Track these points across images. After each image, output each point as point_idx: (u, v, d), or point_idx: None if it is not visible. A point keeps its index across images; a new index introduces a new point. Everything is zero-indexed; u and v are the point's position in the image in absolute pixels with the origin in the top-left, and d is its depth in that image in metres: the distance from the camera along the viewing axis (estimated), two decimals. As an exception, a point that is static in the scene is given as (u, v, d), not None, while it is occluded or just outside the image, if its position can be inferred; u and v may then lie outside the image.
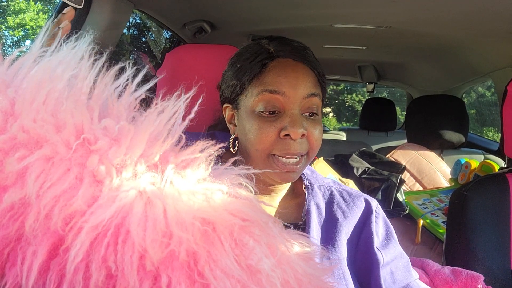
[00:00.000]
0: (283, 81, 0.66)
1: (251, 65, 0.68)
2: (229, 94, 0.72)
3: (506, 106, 1.13)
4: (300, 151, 0.65)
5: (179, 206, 0.39)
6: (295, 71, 0.67)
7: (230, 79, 0.72)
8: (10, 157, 0.37)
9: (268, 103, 0.65)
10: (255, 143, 0.66)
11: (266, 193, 0.73)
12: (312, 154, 0.69)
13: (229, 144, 0.74)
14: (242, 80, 0.69)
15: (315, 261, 0.49)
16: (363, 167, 1.50)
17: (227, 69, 0.74)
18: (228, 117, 0.75)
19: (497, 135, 3.51)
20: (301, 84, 0.66)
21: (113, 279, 0.37)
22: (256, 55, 0.69)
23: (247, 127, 0.67)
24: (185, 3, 1.58)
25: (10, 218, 0.36)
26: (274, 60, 0.68)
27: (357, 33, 1.88)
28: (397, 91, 6.39)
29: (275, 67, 0.67)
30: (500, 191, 1.07)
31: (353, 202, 0.74)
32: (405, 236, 1.38)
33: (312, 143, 0.67)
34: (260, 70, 0.67)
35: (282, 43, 0.71)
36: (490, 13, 1.35)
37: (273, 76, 0.66)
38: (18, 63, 0.44)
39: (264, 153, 0.66)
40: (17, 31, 8.84)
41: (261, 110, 0.66)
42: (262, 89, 0.66)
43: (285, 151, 0.64)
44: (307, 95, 0.66)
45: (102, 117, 0.42)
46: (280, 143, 0.65)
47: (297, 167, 0.66)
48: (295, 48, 0.70)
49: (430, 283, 0.96)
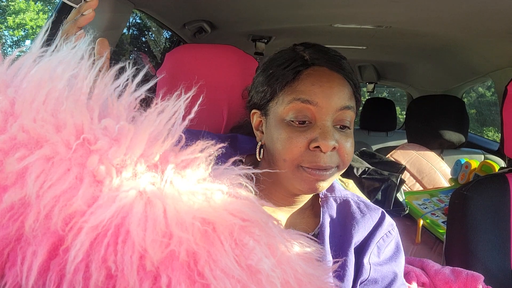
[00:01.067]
0: (317, 90, 0.63)
1: (284, 71, 0.65)
2: (258, 100, 0.70)
3: (506, 106, 1.13)
4: (330, 164, 0.62)
5: (179, 206, 0.39)
6: (330, 81, 0.64)
7: (261, 85, 0.69)
8: (10, 157, 0.37)
9: (300, 112, 0.63)
10: (283, 153, 0.63)
11: (288, 204, 0.71)
12: (343, 167, 0.65)
13: (256, 152, 0.72)
14: (274, 86, 0.66)
15: (315, 261, 0.49)
16: (363, 167, 1.50)
17: (258, 74, 0.72)
18: (255, 123, 0.72)
19: (497, 135, 3.51)
20: (336, 95, 0.63)
21: (113, 279, 0.36)
22: (290, 61, 0.66)
23: (275, 135, 0.64)
24: (185, 3, 1.58)
25: (10, 218, 0.36)
26: (309, 68, 0.65)
27: (357, 33, 1.88)
28: (397, 91, 6.39)
29: (310, 75, 0.64)
30: (500, 191, 1.07)
31: (369, 213, 0.71)
32: (405, 236, 1.38)
33: (343, 156, 0.64)
34: (293, 77, 0.64)
35: (318, 50, 0.68)
36: (490, 13, 1.35)
37: (306, 84, 0.63)
38: (18, 63, 0.44)
39: (292, 164, 0.63)
40: (17, 31, 8.84)
41: (291, 119, 0.63)
42: (294, 97, 0.63)
43: (315, 163, 0.61)
44: (341, 107, 0.63)
45: (102, 117, 0.42)
46: (309, 155, 0.62)
47: (327, 173, 0.63)
48: (331, 56, 0.67)
49: (430, 283, 0.96)
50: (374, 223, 0.71)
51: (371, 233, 0.70)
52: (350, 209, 0.72)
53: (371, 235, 0.70)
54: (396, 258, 0.71)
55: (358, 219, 0.70)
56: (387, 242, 0.71)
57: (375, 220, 0.71)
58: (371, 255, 0.68)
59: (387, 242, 0.71)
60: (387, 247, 0.71)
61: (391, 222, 0.73)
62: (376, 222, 0.71)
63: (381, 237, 0.70)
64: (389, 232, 0.72)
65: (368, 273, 0.67)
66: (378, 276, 0.67)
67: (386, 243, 0.71)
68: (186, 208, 0.39)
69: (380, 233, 0.70)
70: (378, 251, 0.69)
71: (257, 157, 0.71)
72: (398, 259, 0.71)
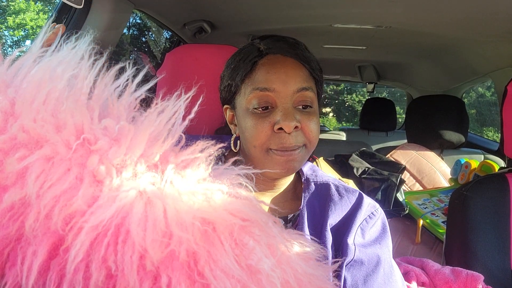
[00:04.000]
0: (272, 77, 0.66)
1: (243, 64, 0.69)
2: (226, 95, 0.74)
3: (506, 106, 1.13)
4: (296, 143, 0.65)
5: (179, 206, 0.39)
6: (284, 66, 0.67)
7: (226, 80, 0.73)
8: (10, 157, 0.37)
9: (261, 99, 0.66)
10: (251, 140, 0.66)
11: (269, 188, 0.74)
12: (311, 146, 0.68)
13: (231, 144, 0.75)
14: (236, 80, 0.70)
15: (315, 261, 0.49)
16: (363, 167, 1.50)
17: (224, 70, 0.76)
18: (229, 118, 0.76)
19: (497, 135, 3.51)
20: (291, 79, 0.66)
21: (113, 279, 0.37)
22: (247, 54, 0.70)
23: (243, 125, 0.68)
24: (185, 3, 1.58)
25: (10, 218, 0.36)
26: (264, 57, 0.69)
27: (357, 33, 1.88)
28: (397, 91, 6.39)
29: (265, 64, 0.68)
30: (500, 191, 1.07)
31: (346, 195, 0.74)
32: (405, 236, 1.38)
33: (307, 134, 0.67)
34: (250, 68, 0.68)
35: (273, 40, 0.71)
36: (490, 13, 1.35)
37: (263, 73, 0.67)
38: (18, 63, 0.44)
39: (262, 149, 0.66)
40: (17, 31, 8.84)
41: (255, 107, 0.66)
42: (253, 87, 0.67)
43: (281, 144, 0.65)
44: (298, 89, 0.66)
45: (102, 117, 0.42)
46: (275, 137, 0.65)
47: (295, 153, 0.66)
48: (284, 43, 0.70)
49: (430, 283, 0.96)
50: (351, 204, 0.73)
51: (349, 214, 0.72)
52: (329, 192, 0.74)
53: (350, 216, 0.71)
54: (381, 240, 0.71)
55: (335, 201, 0.72)
56: (370, 223, 0.72)
57: (352, 201, 0.73)
58: (356, 237, 0.69)
59: (371, 224, 0.72)
60: (372, 228, 0.72)
61: (373, 204, 0.74)
62: (353, 204, 0.73)
63: (363, 219, 0.72)
64: (372, 213, 0.73)
65: (353, 253, 0.67)
66: (364, 257, 0.68)
67: (370, 224, 0.72)
68: (186, 208, 0.39)
69: (361, 215, 0.71)
70: (362, 232, 0.71)
71: (233, 148, 0.75)
72: (384, 241, 0.71)
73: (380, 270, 0.68)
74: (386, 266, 0.69)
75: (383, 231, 0.73)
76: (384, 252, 0.70)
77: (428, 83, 2.71)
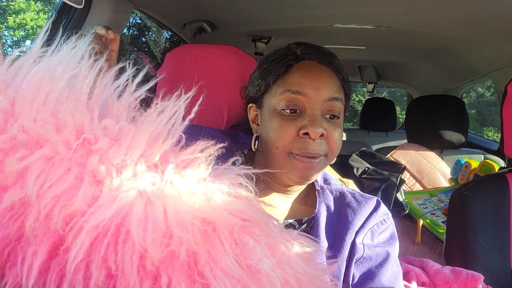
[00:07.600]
0: (306, 82, 0.67)
1: (277, 65, 0.70)
2: (254, 94, 0.74)
3: (506, 106, 1.13)
4: (319, 151, 0.66)
5: (179, 206, 0.39)
6: (319, 73, 0.68)
7: (256, 79, 0.74)
8: (10, 157, 0.37)
9: (290, 101, 0.67)
10: (275, 140, 0.66)
11: (282, 192, 0.74)
12: (331, 156, 0.69)
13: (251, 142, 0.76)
14: (268, 79, 0.71)
15: (315, 261, 0.49)
16: (363, 167, 1.50)
17: (255, 70, 0.77)
18: (252, 116, 0.77)
19: (497, 135, 3.51)
20: (324, 87, 0.67)
21: (113, 279, 0.37)
22: (283, 57, 0.71)
23: (268, 125, 0.69)
24: (185, 3, 1.58)
25: (10, 218, 0.36)
26: (300, 62, 0.70)
27: (357, 33, 1.88)
28: (397, 91, 6.38)
29: (300, 68, 0.69)
30: (500, 191, 1.07)
31: (364, 201, 0.74)
32: (405, 236, 1.38)
33: (331, 144, 0.67)
34: (285, 70, 0.69)
35: (309, 46, 0.73)
36: (490, 14, 1.35)
37: (297, 77, 0.68)
38: (18, 63, 0.44)
39: (284, 151, 0.66)
40: (17, 31, 8.83)
41: (283, 108, 0.67)
42: (285, 89, 0.68)
43: (304, 149, 0.65)
44: (329, 98, 0.67)
45: (102, 117, 0.42)
46: (299, 141, 0.65)
47: (316, 161, 0.66)
48: (321, 52, 0.72)
49: (430, 283, 0.96)
50: (371, 209, 0.74)
51: (367, 219, 0.72)
52: (346, 200, 0.75)
53: (367, 220, 0.72)
54: (390, 243, 0.73)
55: (354, 207, 0.73)
56: (381, 228, 0.73)
57: (371, 207, 0.74)
58: (365, 238, 0.70)
59: (381, 229, 0.73)
60: (382, 233, 0.73)
61: (387, 211, 0.75)
62: (373, 209, 0.74)
63: (375, 223, 0.72)
64: (384, 220, 0.74)
65: (362, 251, 0.69)
66: (372, 253, 0.69)
67: (380, 229, 0.73)
68: (186, 208, 0.39)
69: (375, 219, 0.72)
70: (372, 235, 0.71)
71: (252, 147, 0.75)
72: (392, 244, 0.73)
73: (388, 265, 0.69)
74: (394, 264, 0.70)
75: (392, 238, 0.74)
76: (393, 252, 0.71)
77: (428, 83, 2.71)
